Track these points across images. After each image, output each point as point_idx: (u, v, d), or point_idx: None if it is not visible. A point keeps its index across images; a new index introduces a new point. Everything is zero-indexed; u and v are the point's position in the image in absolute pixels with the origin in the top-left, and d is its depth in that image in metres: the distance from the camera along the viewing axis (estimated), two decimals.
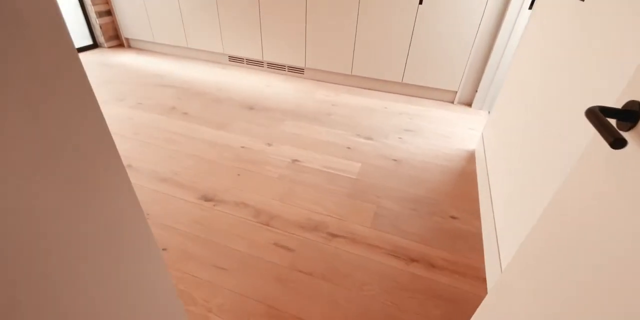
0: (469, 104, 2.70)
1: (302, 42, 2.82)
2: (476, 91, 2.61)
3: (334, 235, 1.39)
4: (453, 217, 1.52)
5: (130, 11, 3.30)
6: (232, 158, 1.87)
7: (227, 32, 3.04)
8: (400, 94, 2.84)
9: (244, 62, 3.20)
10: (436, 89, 2.71)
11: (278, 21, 2.79)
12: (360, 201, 1.59)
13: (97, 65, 3.07)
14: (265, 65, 3.14)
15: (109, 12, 3.41)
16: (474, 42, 2.39)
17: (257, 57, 3.08)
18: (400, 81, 2.73)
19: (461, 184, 1.75)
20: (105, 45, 3.49)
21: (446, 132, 2.27)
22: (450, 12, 2.32)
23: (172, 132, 2.08)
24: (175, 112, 2.32)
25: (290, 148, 1.99)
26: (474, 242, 1.40)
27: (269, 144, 2.02)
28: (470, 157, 1.99)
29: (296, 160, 1.87)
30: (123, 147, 1.91)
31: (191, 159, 1.83)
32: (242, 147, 1.97)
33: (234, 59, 3.23)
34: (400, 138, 2.16)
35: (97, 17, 3.32)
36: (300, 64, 2.96)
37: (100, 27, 3.37)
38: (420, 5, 2.36)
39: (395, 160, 1.92)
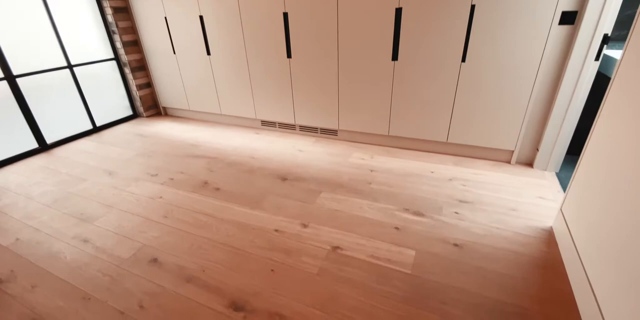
0: (530, 164, 2.37)
1: (335, 103, 2.71)
2: (537, 149, 2.29)
3: None
4: None
5: (168, 82, 3.43)
6: (265, 246, 1.65)
7: (259, 98, 3.02)
8: (446, 154, 2.58)
9: (277, 126, 3.14)
10: (489, 149, 2.43)
11: (309, 84, 2.74)
12: (421, 310, 1.28)
13: (134, 136, 3.13)
14: (297, 128, 3.05)
15: (149, 84, 3.58)
16: (530, 96, 2.14)
17: (289, 120, 3.00)
18: (445, 141, 2.49)
19: (547, 280, 1.39)
20: (144, 114, 3.62)
21: (510, 202, 1.94)
22: (498, 67, 2.13)
23: (203, 213, 1.93)
24: (206, 188, 2.20)
25: (329, 230, 1.75)
26: None
27: (305, 225, 1.79)
28: (549, 239, 1.63)
29: (337, 248, 1.62)
30: (151, 235, 1.77)
31: (221, 250, 1.64)
32: (276, 230, 1.76)
33: (266, 124, 3.19)
34: (456, 213, 1.85)
35: (138, 90, 3.48)
36: (333, 126, 2.84)
37: (140, 99, 3.52)
38: (463, 63, 2.19)
39: (456, 245, 1.61)
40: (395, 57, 2.34)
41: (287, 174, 2.35)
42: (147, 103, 3.61)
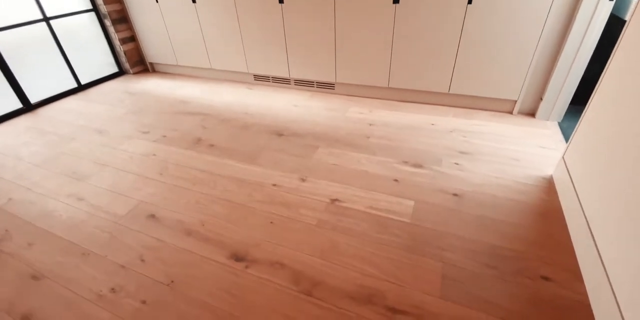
0: (532, 114, 2.30)
1: (331, 55, 2.55)
2: (541, 99, 2.21)
3: (395, 311, 1.11)
4: (545, 278, 1.18)
5: (153, 36, 3.20)
6: (264, 200, 1.64)
7: (251, 51, 2.84)
8: (448, 105, 2.49)
9: (270, 80, 2.99)
10: (491, 99, 2.34)
11: (303, 35, 2.55)
12: (420, 256, 1.29)
13: (122, 94, 2.99)
14: (292, 82, 2.91)
15: (133, 38, 3.34)
16: (537, 42, 2.00)
17: (284, 74, 2.85)
18: (447, 92, 2.39)
19: (545, 226, 1.40)
20: (131, 71, 3.43)
21: (511, 152, 1.90)
22: (506, 11, 1.96)
23: (199, 170, 1.89)
24: (201, 145, 2.14)
25: (327, 183, 1.72)
26: (581, 316, 1.06)
27: (303, 179, 1.77)
28: (549, 187, 1.62)
29: (336, 200, 1.61)
30: (147, 191, 1.74)
31: (219, 204, 1.62)
32: (274, 185, 1.74)
33: (259, 78, 3.04)
34: (456, 164, 1.82)
35: (121, 44, 3.25)
36: (330, 79, 2.70)
37: (125, 54, 3.31)
38: (469, 5, 2.02)
39: (455, 195, 1.60)
40: None
41: (282, 129, 2.28)
42: (132, 59, 3.40)
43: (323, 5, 2.35)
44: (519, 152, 1.91)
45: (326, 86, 2.80)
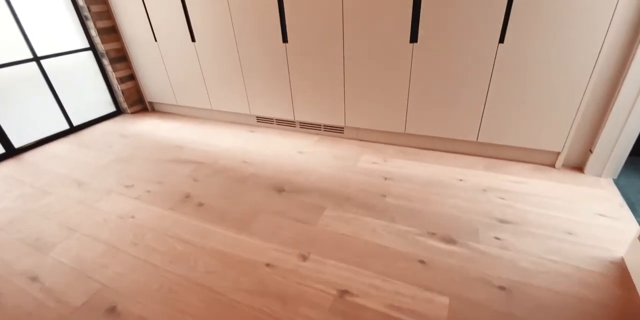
0: (580, 169, 1.94)
1: (340, 96, 2.29)
2: (590, 151, 1.86)
3: None
4: None
5: (152, 75, 3.03)
6: (253, 289, 1.29)
7: (253, 92, 2.61)
8: (476, 155, 2.16)
9: (274, 122, 2.74)
10: (528, 149, 2.00)
11: (309, 75, 2.31)
12: None
13: (114, 137, 2.77)
14: (297, 125, 2.64)
15: (132, 77, 3.19)
16: (586, 86, 1.69)
17: (288, 116, 2.60)
18: (475, 140, 2.07)
19: None
20: (129, 110, 3.24)
21: (564, 222, 1.53)
22: (545, 51, 1.67)
23: (181, 239, 1.57)
24: (188, 203, 1.84)
25: (334, 264, 1.37)
26: None
27: (305, 257, 1.42)
28: (622, 276, 1.24)
29: (346, 293, 1.25)
30: (114, 270, 1.42)
31: (197, 294, 1.28)
32: (268, 265, 1.39)
33: (262, 120, 2.79)
34: (498, 239, 1.46)
35: (120, 83, 3.09)
36: (339, 122, 2.42)
37: (123, 93, 3.14)
38: (501, 44, 1.74)
39: (502, 288, 1.23)
40: (414, 37, 1.90)
41: (284, 182, 1.97)
42: (131, 98, 3.23)
43: (330, 44, 2.12)
44: (573, 221, 1.54)
45: (334, 130, 2.52)
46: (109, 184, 2.07)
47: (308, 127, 2.61)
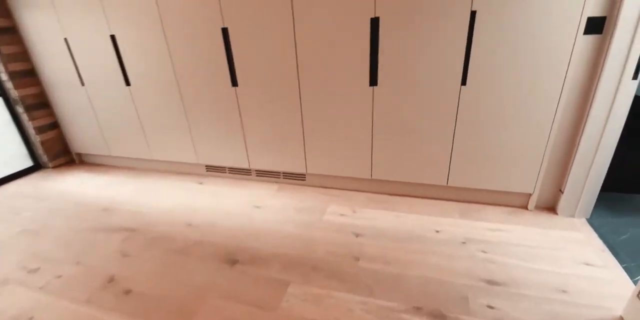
0: (552, 209, 1.86)
1: (299, 140, 2.08)
2: (561, 191, 1.79)
3: None
4: None
5: (79, 123, 2.63)
6: None
7: (200, 137, 2.32)
8: (448, 199, 2.01)
9: (226, 171, 2.44)
10: (500, 192, 1.90)
11: (264, 119, 2.09)
12: None
13: (26, 200, 2.28)
14: (253, 173, 2.37)
15: (54, 125, 2.75)
16: (551, 126, 1.64)
17: (242, 164, 2.32)
18: (445, 184, 1.93)
19: None
20: (50, 165, 2.76)
21: (552, 277, 1.38)
22: (507, 91, 1.62)
23: None
24: (111, 291, 1.43)
25: None
26: None
27: None
28: None
29: None
30: None
31: None
32: None
33: (212, 169, 2.48)
34: (491, 308, 1.25)
35: (37, 133, 2.64)
36: (300, 169, 2.19)
37: (42, 145, 2.68)
38: (463, 86, 1.67)
39: None
40: (374, 81, 1.77)
41: (237, 251, 1.65)
42: (52, 149, 2.76)
43: (285, 86, 1.94)
44: (561, 275, 1.39)
45: (295, 177, 2.28)
46: (6, 269, 1.60)
47: (265, 175, 2.35)
